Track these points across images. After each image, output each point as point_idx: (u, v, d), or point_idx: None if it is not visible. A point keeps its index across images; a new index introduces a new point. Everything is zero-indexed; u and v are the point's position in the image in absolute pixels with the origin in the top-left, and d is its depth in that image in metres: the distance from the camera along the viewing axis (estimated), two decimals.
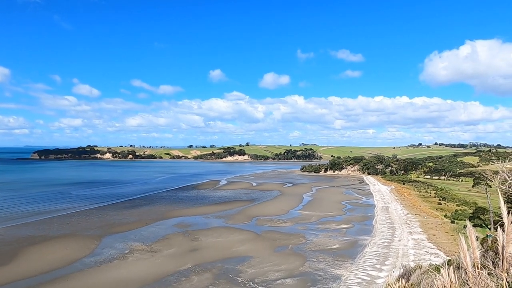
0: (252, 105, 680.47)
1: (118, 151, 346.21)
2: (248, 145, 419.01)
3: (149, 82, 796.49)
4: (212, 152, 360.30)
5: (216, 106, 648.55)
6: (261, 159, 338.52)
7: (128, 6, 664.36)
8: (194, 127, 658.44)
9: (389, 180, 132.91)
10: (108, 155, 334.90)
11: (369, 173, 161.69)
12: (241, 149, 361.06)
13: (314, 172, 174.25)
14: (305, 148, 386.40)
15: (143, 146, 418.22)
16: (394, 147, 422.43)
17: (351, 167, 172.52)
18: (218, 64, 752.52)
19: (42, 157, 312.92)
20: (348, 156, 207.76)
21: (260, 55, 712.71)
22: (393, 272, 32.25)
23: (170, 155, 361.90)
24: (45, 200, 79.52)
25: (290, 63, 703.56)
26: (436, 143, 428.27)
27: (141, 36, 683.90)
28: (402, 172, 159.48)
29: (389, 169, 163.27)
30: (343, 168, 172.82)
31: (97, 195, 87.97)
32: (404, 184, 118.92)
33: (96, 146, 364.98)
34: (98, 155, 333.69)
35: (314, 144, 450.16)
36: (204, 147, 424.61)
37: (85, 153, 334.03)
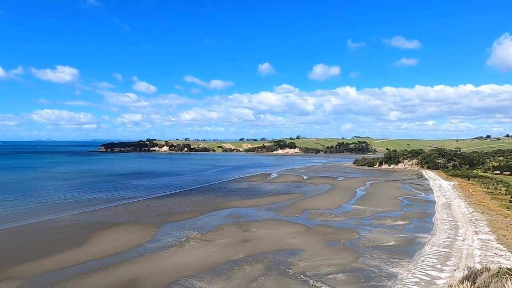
0: (302, 97, 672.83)
1: (174, 144, 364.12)
2: (298, 138, 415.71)
3: (201, 77, 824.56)
4: (263, 145, 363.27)
5: (265, 100, 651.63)
6: (311, 152, 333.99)
7: (179, 5, 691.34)
8: (244, 121, 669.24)
9: (452, 175, 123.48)
10: (165, 148, 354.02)
11: (428, 168, 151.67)
12: (291, 142, 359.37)
13: (368, 165, 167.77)
14: (358, 141, 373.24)
15: (197, 140, 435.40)
16: (458, 140, 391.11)
17: (409, 161, 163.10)
18: (267, 57, 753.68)
19: (108, 149, 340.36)
20: (405, 150, 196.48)
21: (308, 47, 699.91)
22: (456, 273, 30.19)
23: (222, 148, 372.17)
24: (110, 189, 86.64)
25: (340, 54, 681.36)
26: (507, 135, 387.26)
27: (192, 33, 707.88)
28: (467, 166, 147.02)
29: (452, 164, 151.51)
30: (400, 162, 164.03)
31: (156, 186, 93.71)
32: (469, 179, 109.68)
33: (154, 139, 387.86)
34: (157, 148, 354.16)
35: (368, 137, 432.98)
36: (255, 140, 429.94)
37: (145, 146, 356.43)
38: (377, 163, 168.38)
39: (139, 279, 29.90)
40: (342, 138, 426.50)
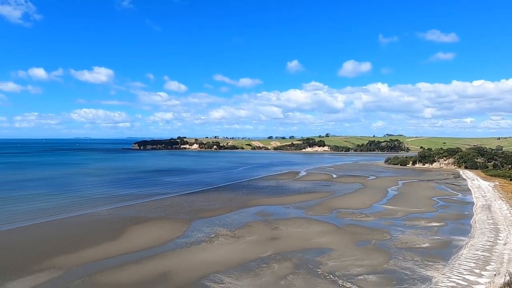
0: (331, 95, 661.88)
1: (204, 142, 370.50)
2: (328, 136, 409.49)
3: (230, 76, 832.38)
4: (292, 143, 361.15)
5: (294, 97, 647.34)
6: (341, 151, 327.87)
7: (208, 5, 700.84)
8: (273, 119, 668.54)
9: (492, 176, 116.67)
10: (195, 146, 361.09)
11: (466, 167, 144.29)
12: (320, 140, 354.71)
13: (401, 164, 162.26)
14: (390, 139, 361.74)
15: (226, 137, 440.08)
16: (499, 138, 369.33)
17: (444, 160, 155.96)
18: (295, 55, 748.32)
19: (141, 147, 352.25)
20: (441, 148, 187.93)
21: (338, 43, 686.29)
22: (496, 278, 28.63)
23: (251, 146, 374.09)
24: (143, 185, 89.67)
25: (371, 49, 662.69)
26: None
27: (221, 33, 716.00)
28: (510, 166, 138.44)
29: (492, 163, 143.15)
30: (435, 161, 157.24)
31: (186, 183, 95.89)
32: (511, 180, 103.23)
33: (185, 137, 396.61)
34: (187, 146, 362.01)
35: (401, 135, 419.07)
36: (283, 138, 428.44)
37: (176, 144, 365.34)
38: (410, 162, 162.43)
39: (170, 273, 30.78)
40: (373, 136, 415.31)
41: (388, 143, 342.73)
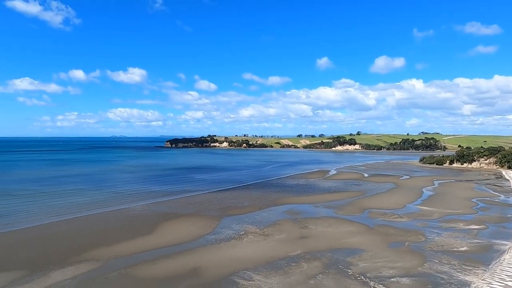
0: (362, 92, 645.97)
1: (234, 140, 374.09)
2: (359, 134, 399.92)
3: (259, 74, 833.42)
4: (321, 141, 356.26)
5: (324, 95, 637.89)
6: (373, 149, 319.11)
7: (237, 4, 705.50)
8: (302, 117, 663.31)
9: None
10: (225, 144, 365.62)
11: (509, 167, 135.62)
12: (351, 139, 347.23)
13: (437, 164, 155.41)
14: (425, 137, 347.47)
15: (255, 136, 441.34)
16: None
17: (485, 160, 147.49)
18: (325, 52, 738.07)
19: (173, 145, 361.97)
20: (481, 147, 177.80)
21: (370, 39, 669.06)
22: None
23: (280, 144, 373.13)
24: (175, 182, 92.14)
25: (405, 44, 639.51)
26: None
27: (250, 31, 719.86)
28: None
29: None
30: (474, 161, 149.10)
31: (216, 180, 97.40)
32: None
33: (215, 135, 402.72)
34: (217, 144, 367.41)
35: (437, 133, 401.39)
36: (313, 136, 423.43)
37: (206, 142, 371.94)
38: (447, 162, 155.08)
39: (201, 268, 31.46)
40: (407, 134, 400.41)
41: (423, 142, 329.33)
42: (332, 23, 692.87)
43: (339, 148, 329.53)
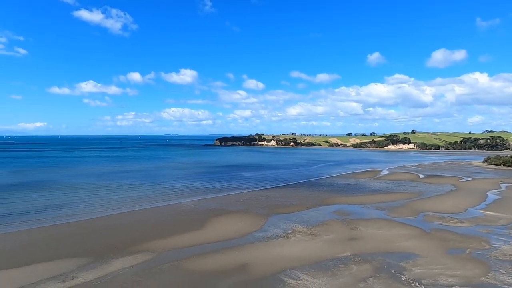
0: (418, 87, 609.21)
1: (281, 139, 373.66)
2: (414, 133, 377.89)
3: (307, 72, 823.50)
4: (373, 140, 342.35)
5: (375, 92, 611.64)
6: (430, 149, 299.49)
7: (285, 2, 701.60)
8: (352, 115, 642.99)
9: None
10: (272, 142, 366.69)
11: None
12: (405, 137, 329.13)
13: (504, 165, 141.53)
14: (491, 136, 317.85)
15: (303, 134, 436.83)
16: None
17: None
18: (377, 47, 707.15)
19: (222, 143, 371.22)
20: None
21: (426, 31, 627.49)
22: None
23: (328, 142, 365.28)
24: (223, 179, 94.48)
25: (467, 36, 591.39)
26: None
27: (297, 29, 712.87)
28: None
29: None
30: None
31: (263, 178, 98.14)
32: None
33: (262, 134, 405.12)
34: (264, 143, 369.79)
35: (504, 131, 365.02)
36: (363, 135, 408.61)
37: (254, 140, 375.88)
38: None
39: (249, 264, 31.97)
40: (469, 133, 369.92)
41: (488, 141, 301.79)
42: (384, 16, 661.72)
43: (391, 147, 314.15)
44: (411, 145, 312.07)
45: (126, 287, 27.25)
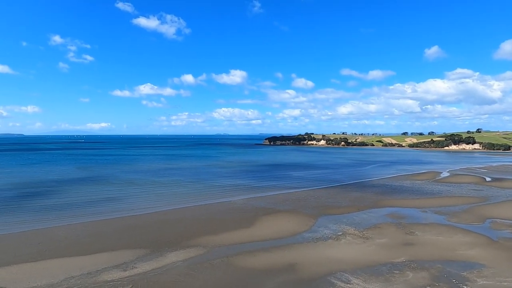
0: (483, 83, 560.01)
1: (331, 138, 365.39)
2: (479, 132, 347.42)
3: (358, 69, 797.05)
4: (431, 139, 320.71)
5: (434, 88, 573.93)
6: (498, 149, 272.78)
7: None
8: (408, 113, 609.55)
9: None
10: (322, 142, 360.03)
11: None
12: (469, 137, 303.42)
13: None
14: None
15: (355, 133, 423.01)
16: None
17: None
18: (435, 40, 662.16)
19: (271, 143, 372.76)
20: None
21: (493, 20, 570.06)
22: None
23: (382, 142, 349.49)
24: (272, 178, 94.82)
25: None
26: None
27: (347, 25, 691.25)
28: None
29: None
30: None
31: (312, 178, 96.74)
32: None
33: (312, 133, 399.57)
34: (314, 142, 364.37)
35: None
36: (420, 134, 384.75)
37: (303, 140, 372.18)
38: None
39: (297, 264, 31.76)
40: None
41: None
42: (442, 7, 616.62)
43: (453, 147, 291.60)
44: (476, 145, 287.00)
45: (180, 279, 28.56)
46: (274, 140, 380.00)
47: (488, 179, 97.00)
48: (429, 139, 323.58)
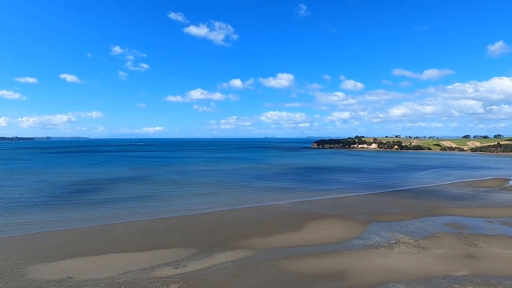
0: None
1: (384, 142, 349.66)
2: None
3: (411, 69, 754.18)
4: (498, 143, 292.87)
5: (499, 87, 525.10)
6: None
7: None
8: (469, 114, 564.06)
9: None
10: (373, 146, 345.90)
11: None
12: None
13: None
14: None
15: (409, 137, 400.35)
16: None
17: None
18: (499, 35, 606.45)
19: (319, 146, 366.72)
20: None
21: None
22: None
23: (440, 146, 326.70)
24: (320, 182, 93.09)
25: None
26: None
27: (398, 22, 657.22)
28: None
29: None
30: None
31: (363, 183, 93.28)
32: None
33: (362, 136, 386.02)
34: (365, 146, 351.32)
35: None
36: (485, 137, 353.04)
37: (353, 143, 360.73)
38: None
39: (347, 272, 30.78)
40: None
41: None
42: None
43: None
44: None
45: (228, 280, 29.14)
46: (323, 143, 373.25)
47: None
48: (495, 143, 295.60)
